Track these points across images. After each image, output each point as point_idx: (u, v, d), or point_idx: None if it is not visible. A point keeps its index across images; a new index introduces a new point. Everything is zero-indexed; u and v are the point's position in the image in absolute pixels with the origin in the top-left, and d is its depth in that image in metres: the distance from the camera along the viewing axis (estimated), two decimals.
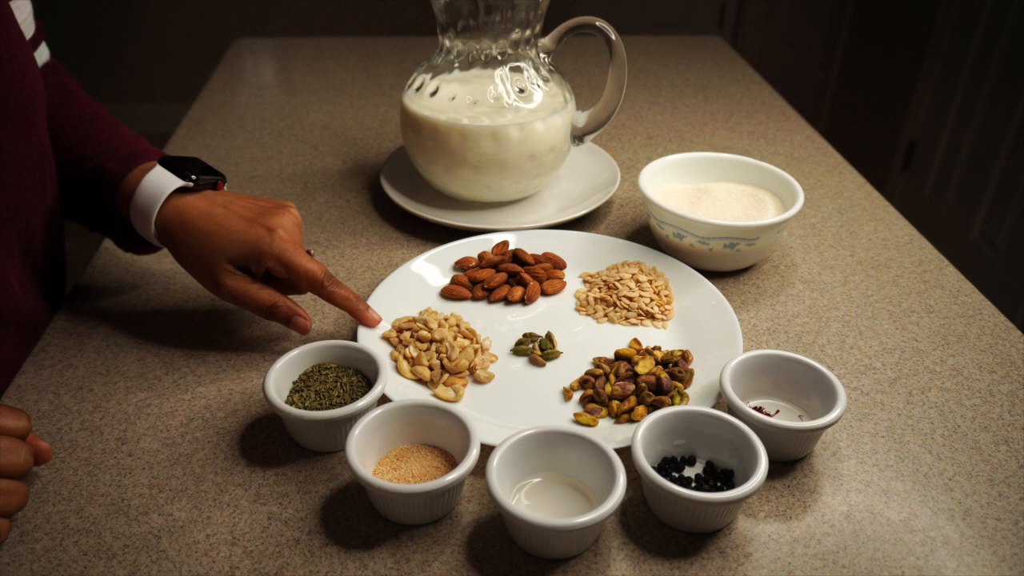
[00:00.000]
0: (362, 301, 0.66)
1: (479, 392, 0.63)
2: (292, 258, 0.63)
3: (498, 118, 0.80)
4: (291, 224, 0.65)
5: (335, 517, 0.53)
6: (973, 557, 0.51)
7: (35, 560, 0.49)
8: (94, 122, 0.72)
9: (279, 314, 0.64)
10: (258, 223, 0.63)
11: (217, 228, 0.63)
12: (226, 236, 0.63)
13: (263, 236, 0.62)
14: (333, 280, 0.64)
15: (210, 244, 0.63)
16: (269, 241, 0.62)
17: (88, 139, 0.70)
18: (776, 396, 0.61)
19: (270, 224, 0.63)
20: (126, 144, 0.69)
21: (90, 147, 0.69)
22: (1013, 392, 0.64)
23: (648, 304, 0.71)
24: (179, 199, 0.65)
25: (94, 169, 0.68)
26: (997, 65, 1.86)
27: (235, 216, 0.64)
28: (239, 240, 0.62)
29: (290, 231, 0.64)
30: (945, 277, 0.79)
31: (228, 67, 1.32)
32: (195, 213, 0.64)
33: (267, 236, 0.62)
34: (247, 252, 0.62)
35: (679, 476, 0.54)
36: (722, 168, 0.85)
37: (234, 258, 0.63)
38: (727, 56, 1.40)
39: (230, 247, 0.63)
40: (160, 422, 0.60)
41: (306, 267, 0.63)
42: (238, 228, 0.63)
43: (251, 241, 0.62)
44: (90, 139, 0.70)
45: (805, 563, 0.50)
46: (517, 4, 0.78)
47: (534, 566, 0.49)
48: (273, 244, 0.62)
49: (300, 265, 0.63)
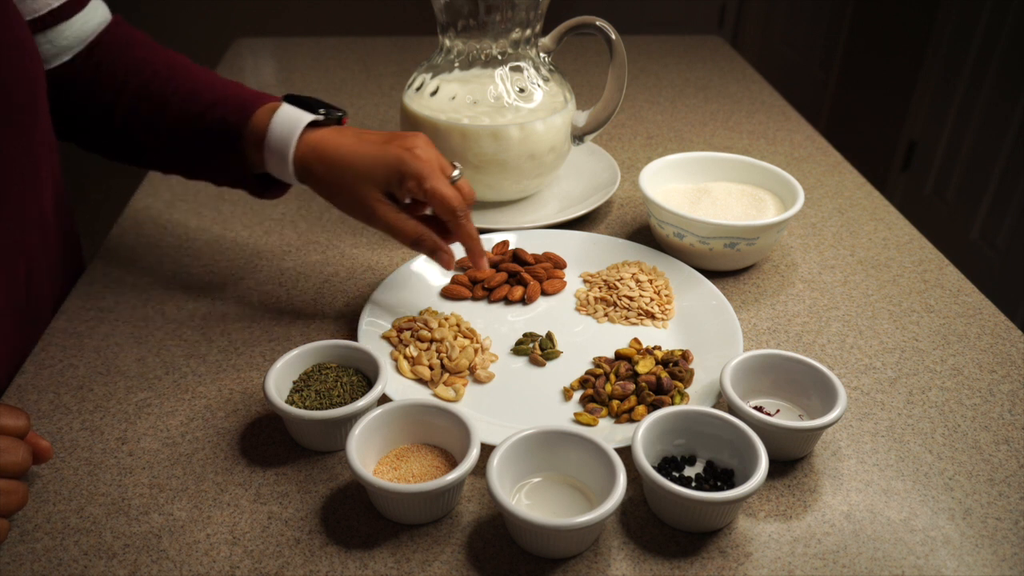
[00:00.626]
0: (481, 246, 0.65)
1: (479, 392, 0.63)
2: (430, 180, 0.61)
3: (498, 118, 0.80)
4: (425, 144, 0.64)
5: (335, 517, 0.53)
6: (973, 557, 0.51)
7: (35, 560, 0.49)
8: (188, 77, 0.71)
9: (424, 246, 0.64)
10: (395, 144, 0.63)
11: (355, 156, 0.63)
12: (366, 162, 0.62)
13: (402, 155, 0.62)
14: (467, 214, 0.63)
15: (353, 173, 0.63)
16: (409, 159, 0.61)
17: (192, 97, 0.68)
18: (776, 396, 0.61)
19: (406, 144, 0.63)
20: (233, 93, 0.68)
21: (198, 104, 0.68)
22: (1013, 392, 0.64)
23: (648, 304, 0.71)
24: (310, 134, 0.65)
25: (212, 124, 0.67)
26: (997, 65, 1.86)
27: (369, 142, 0.63)
28: (380, 163, 0.62)
29: (426, 151, 0.63)
30: (945, 277, 0.79)
31: (228, 67, 1.32)
32: (331, 144, 0.64)
33: (406, 155, 0.62)
34: (388, 173, 0.62)
35: (679, 476, 0.54)
36: (722, 168, 0.85)
37: (378, 182, 0.62)
38: (727, 56, 1.40)
39: (373, 171, 0.62)
40: (160, 422, 0.60)
41: (443, 192, 0.62)
42: (376, 152, 0.62)
43: (391, 162, 0.62)
44: (193, 97, 0.68)
45: (805, 563, 0.50)
46: (517, 4, 0.78)
47: (534, 566, 0.50)
48: (412, 163, 0.61)
49: (437, 189, 0.61)
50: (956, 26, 2.01)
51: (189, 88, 0.69)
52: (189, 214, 0.88)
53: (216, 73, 0.72)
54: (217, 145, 0.67)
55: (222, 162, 0.68)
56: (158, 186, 0.93)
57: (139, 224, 0.86)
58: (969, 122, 1.95)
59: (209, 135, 0.67)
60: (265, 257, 0.80)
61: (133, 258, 0.80)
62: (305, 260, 0.80)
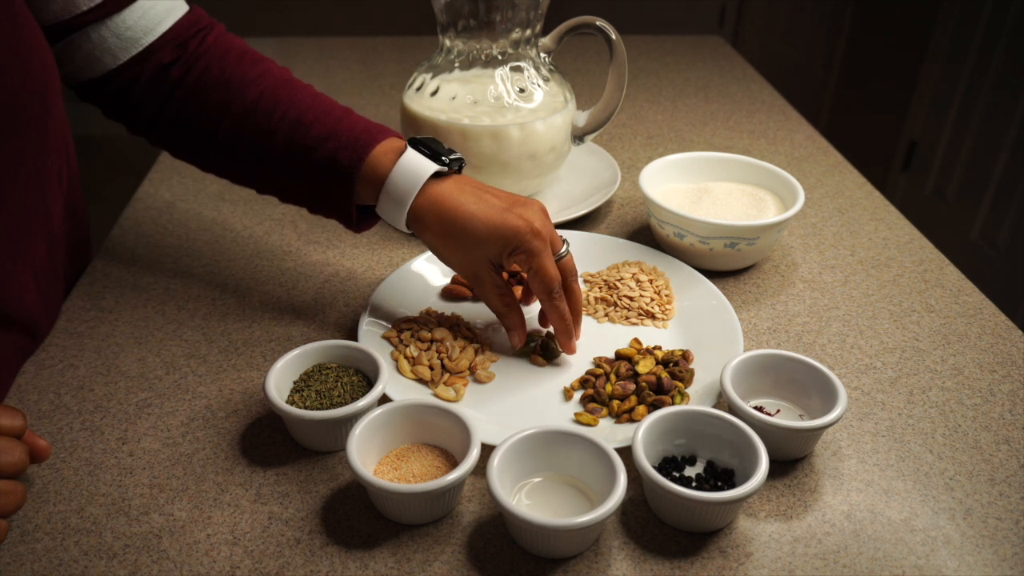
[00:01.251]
0: (571, 327, 0.65)
1: (479, 392, 0.63)
2: (539, 259, 0.61)
3: (498, 118, 0.80)
4: (542, 217, 0.63)
5: (336, 517, 0.53)
6: (974, 557, 0.51)
7: (36, 560, 0.49)
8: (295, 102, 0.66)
9: (509, 320, 0.64)
10: (514, 213, 0.62)
11: (474, 220, 0.61)
12: (485, 229, 0.61)
13: (521, 228, 0.61)
14: (561, 295, 0.63)
15: (467, 236, 0.62)
16: (527, 236, 0.61)
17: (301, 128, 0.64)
18: (777, 396, 0.61)
19: (526, 216, 0.62)
20: (347, 127, 0.65)
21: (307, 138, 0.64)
22: (1014, 391, 0.64)
23: (648, 304, 0.71)
24: (431, 185, 0.63)
25: (323, 160, 0.64)
26: (998, 64, 1.86)
27: (490, 206, 0.62)
28: (497, 233, 0.61)
29: (544, 225, 0.62)
30: (945, 276, 0.79)
31: None
32: (451, 202, 0.62)
33: (525, 229, 0.61)
34: (504, 244, 0.61)
35: (680, 476, 0.54)
36: (722, 168, 0.85)
37: (492, 250, 0.62)
38: (727, 56, 1.40)
39: (489, 239, 0.61)
40: (161, 422, 0.60)
41: (547, 271, 0.62)
42: (496, 220, 0.61)
43: (507, 234, 0.61)
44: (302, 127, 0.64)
45: (806, 563, 0.50)
46: (517, 4, 0.78)
47: (535, 566, 0.49)
48: (530, 241, 0.61)
49: (543, 267, 0.61)
50: (957, 26, 2.01)
51: (296, 116, 0.65)
52: (189, 214, 0.88)
53: (324, 96, 0.68)
54: (327, 182, 0.64)
55: (328, 198, 0.66)
56: (158, 186, 0.93)
57: (139, 224, 0.86)
58: (970, 122, 1.95)
59: (319, 171, 0.64)
60: (265, 257, 0.80)
61: (133, 258, 0.80)
62: (305, 260, 0.80)
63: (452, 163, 0.64)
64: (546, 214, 0.64)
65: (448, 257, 0.64)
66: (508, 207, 0.62)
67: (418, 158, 0.63)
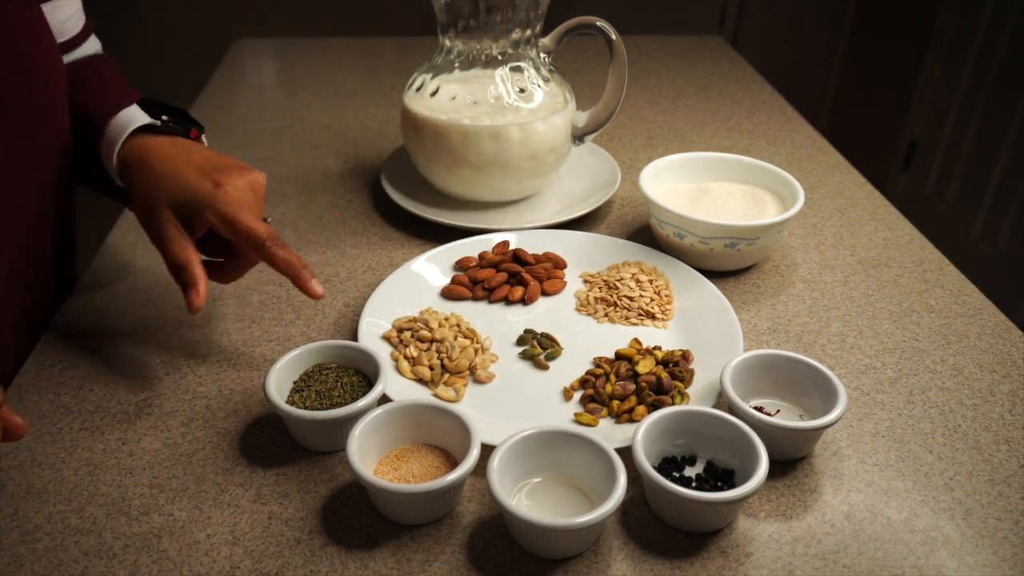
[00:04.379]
0: (307, 268, 0.60)
1: (479, 392, 0.63)
2: (234, 214, 0.59)
3: (499, 118, 0.80)
4: (244, 184, 0.61)
5: (336, 517, 0.53)
6: (974, 557, 0.51)
7: (36, 560, 0.49)
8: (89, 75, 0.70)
9: (183, 277, 0.59)
10: (209, 176, 0.60)
11: (168, 171, 0.61)
12: (173, 180, 0.60)
13: (207, 189, 0.59)
14: (277, 241, 0.60)
15: (155, 185, 0.60)
16: (212, 195, 0.59)
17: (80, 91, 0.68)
18: (776, 396, 0.61)
19: (220, 179, 0.60)
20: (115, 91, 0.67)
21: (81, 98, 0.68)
22: (1014, 392, 0.64)
23: (648, 304, 0.71)
24: (146, 138, 0.63)
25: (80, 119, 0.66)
26: (998, 64, 1.86)
27: (190, 164, 0.61)
28: (183, 187, 0.59)
29: (240, 190, 0.60)
30: (945, 277, 0.79)
31: (228, 67, 1.32)
32: (156, 154, 0.62)
33: (211, 189, 0.59)
34: (187, 200, 0.59)
35: (680, 476, 0.54)
36: (722, 168, 0.85)
37: (174, 204, 0.59)
38: (727, 56, 1.40)
39: (172, 191, 0.59)
40: (160, 422, 0.60)
41: (248, 225, 0.59)
42: (187, 175, 0.60)
43: (194, 191, 0.59)
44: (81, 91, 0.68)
45: (806, 563, 0.50)
46: (517, 4, 0.78)
47: (535, 566, 0.49)
48: (215, 198, 0.59)
49: (241, 222, 0.59)
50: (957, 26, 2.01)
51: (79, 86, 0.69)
52: None
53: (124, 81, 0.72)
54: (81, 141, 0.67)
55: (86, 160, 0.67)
56: None
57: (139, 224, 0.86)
58: (970, 122, 1.95)
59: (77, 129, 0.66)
60: None
61: (133, 258, 0.80)
62: (305, 260, 0.80)
63: (170, 121, 0.65)
64: (257, 186, 0.62)
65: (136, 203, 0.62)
66: (209, 170, 0.61)
67: (136, 111, 0.65)
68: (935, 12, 2.07)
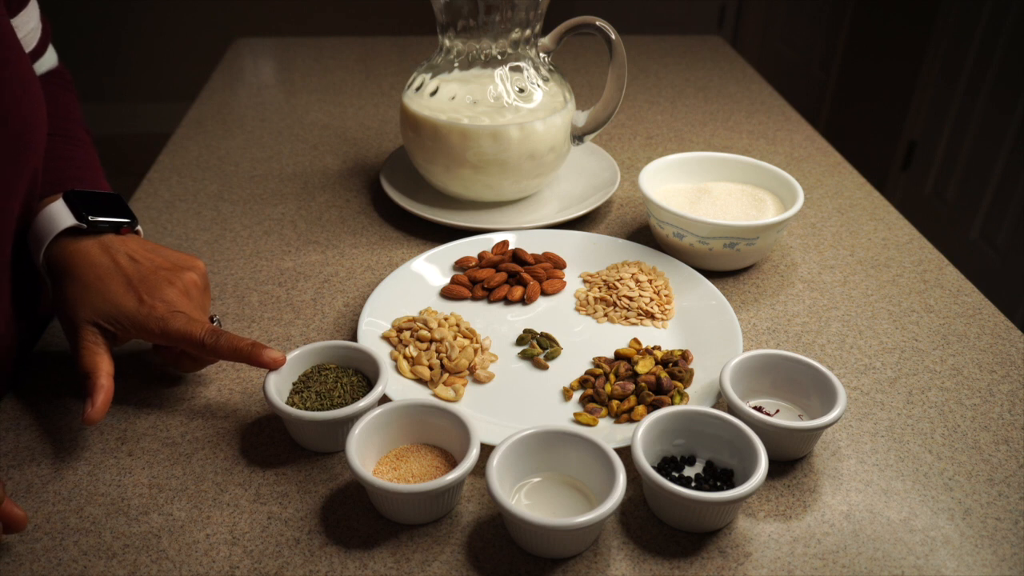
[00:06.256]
0: (256, 345, 0.57)
1: (479, 392, 0.63)
2: (162, 329, 0.56)
3: (498, 118, 0.80)
4: (174, 295, 0.59)
5: (335, 517, 0.53)
6: (973, 557, 0.51)
7: (35, 560, 0.49)
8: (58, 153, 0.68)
9: (85, 385, 0.56)
10: (136, 291, 0.58)
11: (92, 284, 0.58)
12: (98, 296, 0.57)
13: (131, 307, 0.57)
14: (217, 335, 0.56)
15: (79, 298, 0.58)
16: (136, 312, 0.57)
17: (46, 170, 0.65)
18: (776, 396, 0.61)
19: (147, 294, 0.58)
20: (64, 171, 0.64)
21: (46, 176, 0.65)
22: (1013, 392, 0.64)
23: (648, 304, 0.71)
24: (72, 241, 0.60)
25: None
26: (997, 65, 1.86)
27: (118, 275, 0.58)
28: (109, 302, 0.57)
29: (170, 301, 0.58)
30: (945, 277, 0.79)
31: (228, 67, 1.32)
32: (82, 263, 0.59)
33: (136, 307, 0.57)
34: (112, 317, 0.57)
35: (679, 476, 0.54)
36: (722, 168, 0.85)
37: (98, 319, 0.57)
38: (727, 56, 1.40)
39: (96, 307, 0.57)
40: (160, 422, 0.60)
41: (180, 333, 0.56)
42: (112, 290, 0.58)
43: (120, 308, 0.57)
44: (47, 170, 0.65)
45: (805, 563, 0.50)
46: (517, 4, 0.78)
47: (534, 566, 0.50)
48: (140, 316, 0.57)
49: (171, 334, 0.56)
50: (956, 26, 2.01)
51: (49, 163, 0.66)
52: (189, 214, 0.88)
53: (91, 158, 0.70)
54: None
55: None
56: (158, 186, 0.93)
57: None
58: (969, 122, 1.95)
59: None
60: (265, 257, 0.80)
61: None
62: (305, 260, 0.80)
63: (95, 221, 0.60)
64: (191, 289, 0.60)
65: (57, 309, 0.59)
66: (139, 281, 0.58)
67: (60, 209, 0.60)
68: (934, 12, 2.07)
